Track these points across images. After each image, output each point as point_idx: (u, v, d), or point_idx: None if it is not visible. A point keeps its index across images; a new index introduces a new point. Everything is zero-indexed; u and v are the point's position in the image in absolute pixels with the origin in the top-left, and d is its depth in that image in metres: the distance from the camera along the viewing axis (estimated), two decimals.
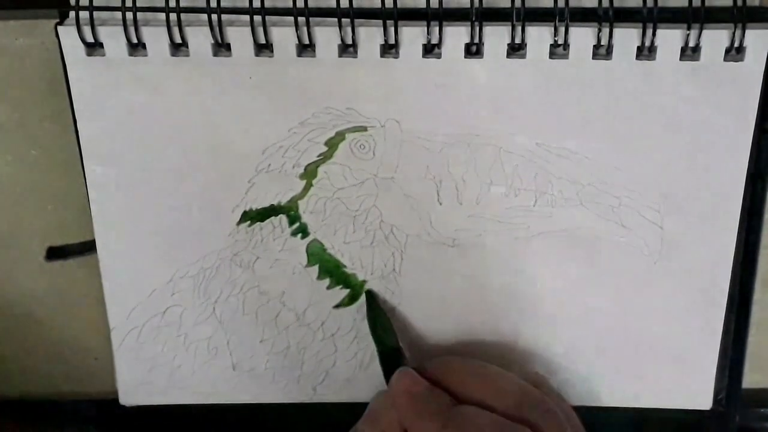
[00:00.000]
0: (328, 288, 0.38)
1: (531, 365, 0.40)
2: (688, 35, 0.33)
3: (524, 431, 0.31)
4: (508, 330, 0.39)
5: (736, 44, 0.33)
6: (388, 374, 0.35)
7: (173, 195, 0.37)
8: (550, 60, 0.34)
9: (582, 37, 0.34)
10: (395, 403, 0.34)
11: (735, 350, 0.40)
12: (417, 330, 0.39)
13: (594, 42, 0.34)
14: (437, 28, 0.33)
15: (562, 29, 0.33)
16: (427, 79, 0.35)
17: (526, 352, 0.40)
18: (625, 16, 0.34)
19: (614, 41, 0.34)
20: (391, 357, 0.36)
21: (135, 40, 0.34)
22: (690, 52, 0.34)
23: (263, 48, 0.35)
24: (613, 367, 0.40)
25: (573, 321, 0.39)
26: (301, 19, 0.34)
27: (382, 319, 0.38)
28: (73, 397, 0.43)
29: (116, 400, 0.41)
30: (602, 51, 0.34)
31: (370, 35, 0.34)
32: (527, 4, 0.33)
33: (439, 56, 0.34)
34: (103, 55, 0.34)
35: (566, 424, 0.33)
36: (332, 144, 0.36)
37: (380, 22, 0.34)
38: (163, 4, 0.33)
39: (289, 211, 0.37)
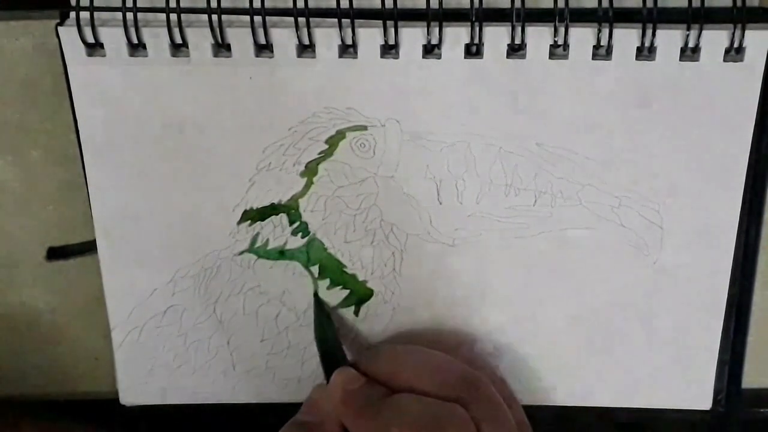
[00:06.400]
0: (329, 288, 0.38)
1: (529, 360, 0.40)
2: (687, 36, 0.33)
3: (453, 408, 0.31)
4: (508, 330, 0.39)
5: (736, 45, 0.33)
6: (328, 373, 0.35)
7: (173, 194, 0.37)
8: (550, 60, 0.34)
9: (582, 37, 0.34)
10: (332, 399, 0.34)
11: (735, 350, 0.40)
12: (416, 330, 0.39)
13: (594, 42, 0.34)
14: (437, 29, 0.33)
15: (561, 29, 0.33)
16: (427, 79, 0.35)
17: (524, 350, 0.40)
18: (625, 16, 0.34)
19: (614, 42, 0.34)
20: (332, 356, 0.36)
21: (135, 41, 0.34)
22: (690, 53, 0.34)
23: (263, 48, 0.35)
24: (612, 366, 0.40)
25: (573, 320, 0.39)
26: (301, 20, 0.34)
27: (325, 320, 0.38)
28: (73, 397, 0.43)
29: (116, 400, 0.41)
30: (602, 51, 0.34)
31: (370, 36, 0.34)
32: (527, 4, 0.33)
33: (439, 56, 0.34)
34: (104, 55, 0.34)
35: (500, 402, 0.33)
36: (333, 142, 0.36)
37: (380, 22, 0.34)
38: (163, 5, 0.34)
39: (290, 209, 0.37)
